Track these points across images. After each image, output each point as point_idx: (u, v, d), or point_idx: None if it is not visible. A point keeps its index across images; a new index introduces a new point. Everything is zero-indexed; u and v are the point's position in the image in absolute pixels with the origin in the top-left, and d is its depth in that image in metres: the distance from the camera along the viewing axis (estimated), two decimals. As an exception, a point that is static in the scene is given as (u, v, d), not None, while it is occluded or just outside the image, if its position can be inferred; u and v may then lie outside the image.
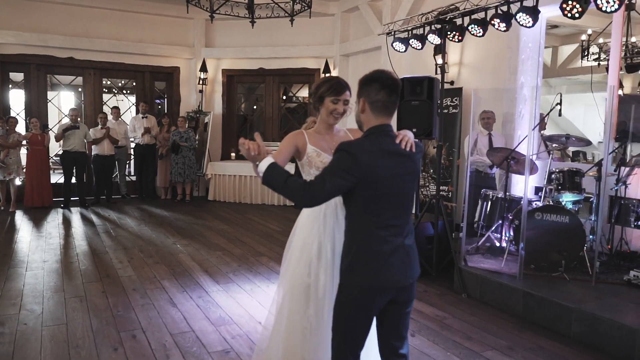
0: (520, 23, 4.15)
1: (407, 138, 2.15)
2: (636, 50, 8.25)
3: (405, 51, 5.52)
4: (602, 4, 3.54)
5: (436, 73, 6.84)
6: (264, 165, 2.05)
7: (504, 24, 4.28)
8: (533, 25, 4.15)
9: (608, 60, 8.24)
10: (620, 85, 8.67)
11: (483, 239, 5.20)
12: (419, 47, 5.31)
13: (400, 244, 2.09)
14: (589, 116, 10.50)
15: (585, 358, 3.44)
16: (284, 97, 10.87)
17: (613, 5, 3.50)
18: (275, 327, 2.55)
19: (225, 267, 5.39)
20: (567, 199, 4.73)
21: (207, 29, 10.30)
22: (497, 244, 5.08)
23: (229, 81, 10.47)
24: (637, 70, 8.42)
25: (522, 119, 6.05)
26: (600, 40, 8.62)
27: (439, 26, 4.87)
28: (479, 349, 3.55)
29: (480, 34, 4.49)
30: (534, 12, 4.06)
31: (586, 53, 8.49)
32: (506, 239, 4.91)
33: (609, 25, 8.29)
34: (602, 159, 4.61)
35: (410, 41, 5.32)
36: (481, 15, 4.50)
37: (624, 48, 8.29)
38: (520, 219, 4.63)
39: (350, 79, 9.68)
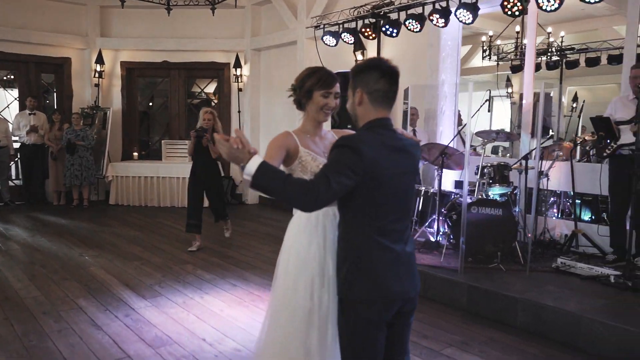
0: (460, 19, 4.19)
1: (407, 133, 1.98)
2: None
3: (335, 45, 5.38)
4: (543, 2, 3.67)
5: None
6: (253, 165, 1.73)
7: (443, 20, 4.31)
8: (472, 21, 4.22)
9: (512, 60, 8.81)
10: (511, 84, 9.35)
11: (417, 234, 5.23)
12: (351, 42, 5.20)
13: (401, 251, 1.90)
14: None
15: (534, 346, 3.54)
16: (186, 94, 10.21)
17: (554, 5, 3.64)
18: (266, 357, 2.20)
19: (148, 279, 4.87)
20: (495, 192, 4.90)
21: (103, 16, 9.39)
22: (432, 239, 5.13)
23: (128, 74, 9.64)
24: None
25: (443, 115, 6.21)
26: (499, 42, 9.21)
27: (373, 20, 4.80)
28: (438, 347, 3.51)
29: (418, 29, 4.48)
30: (473, 9, 4.12)
31: (487, 54, 9.01)
32: (442, 233, 4.98)
33: (506, 28, 8.88)
34: (527, 153, 4.84)
35: (342, 35, 5.19)
36: (418, 10, 4.49)
37: (514, 49, 8.94)
38: (457, 213, 4.71)
39: (262, 75, 9.47)
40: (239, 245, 6.32)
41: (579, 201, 5.81)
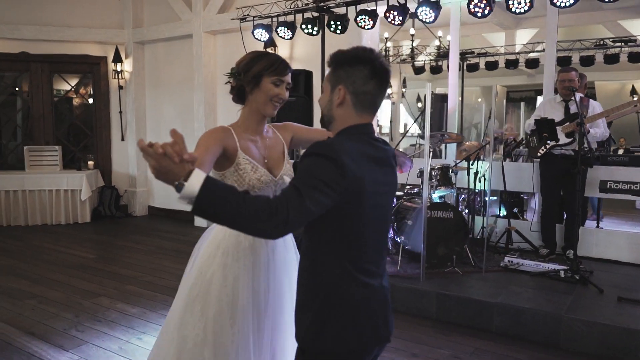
0: (420, 18, 4.00)
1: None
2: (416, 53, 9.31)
3: (268, 40, 4.87)
4: (513, 4, 3.64)
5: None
6: (196, 182, 1.23)
7: (400, 17, 4.07)
8: (434, 20, 4.06)
9: (414, 61, 9.04)
10: (390, 86, 9.68)
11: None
12: (289, 37, 4.74)
13: (379, 286, 1.58)
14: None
15: (520, 351, 3.48)
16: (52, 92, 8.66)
17: (524, 7, 3.64)
18: None
19: (58, 322, 3.90)
20: (441, 194, 4.87)
21: (-64, -6, 7.56)
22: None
23: (-26, 67, 7.91)
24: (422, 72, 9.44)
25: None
26: (389, 45, 9.45)
27: (316, 14, 4.41)
28: (433, 365, 3.29)
29: (369, 27, 4.19)
30: (436, 7, 3.95)
31: (385, 54, 9.20)
32: (399, 240, 4.79)
33: (397, 32, 9.09)
34: (469, 154, 4.88)
35: (279, 29, 4.70)
36: (371, 6, 4.20)
37: (410, 52, 9.24)
38: (409, 218, 4.57)
39: (148, 71, 8.44)
40: (150, 267, 5.46)
41: (495, 198, 6.09)
